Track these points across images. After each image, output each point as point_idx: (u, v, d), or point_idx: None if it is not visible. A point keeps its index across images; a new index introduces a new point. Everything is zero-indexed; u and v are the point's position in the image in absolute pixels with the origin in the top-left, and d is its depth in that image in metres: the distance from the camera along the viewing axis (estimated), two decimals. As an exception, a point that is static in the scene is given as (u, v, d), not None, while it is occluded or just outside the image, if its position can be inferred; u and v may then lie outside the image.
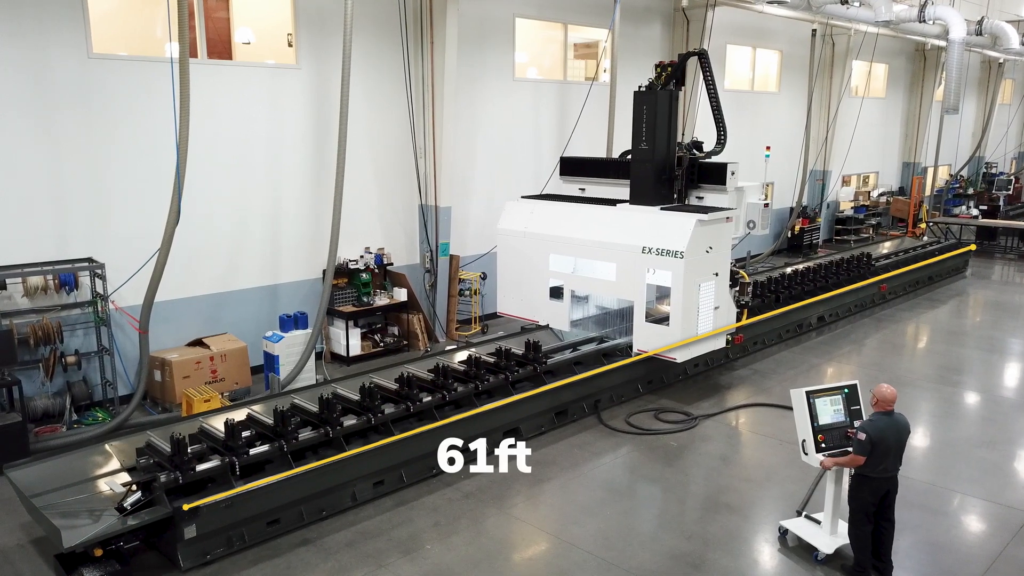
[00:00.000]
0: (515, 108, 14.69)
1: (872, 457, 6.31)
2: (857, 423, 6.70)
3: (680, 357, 10.29)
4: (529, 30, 15.09)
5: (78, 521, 6.41)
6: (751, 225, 11.07)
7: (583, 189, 12.56)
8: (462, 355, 9.85)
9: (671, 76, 11.20)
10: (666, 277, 10.01)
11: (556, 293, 11.35)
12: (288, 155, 11.69)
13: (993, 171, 30.23)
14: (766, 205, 11.18)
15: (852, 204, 24.34)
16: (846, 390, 6.91)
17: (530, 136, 15.06)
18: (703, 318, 10.32)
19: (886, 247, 19.54)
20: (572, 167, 12.92)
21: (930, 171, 26.48)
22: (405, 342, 12.91)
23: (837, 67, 21.82)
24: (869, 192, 25.51)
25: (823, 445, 6.71)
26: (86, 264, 9.64)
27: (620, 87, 15.30)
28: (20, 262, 9.36)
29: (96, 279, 9.70)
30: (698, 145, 11.51)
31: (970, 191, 27.90)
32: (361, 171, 12.46)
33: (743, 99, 19.92)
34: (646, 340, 10.42)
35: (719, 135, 11.52)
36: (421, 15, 12.59)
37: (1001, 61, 29.18)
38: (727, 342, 11.04)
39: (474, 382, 9.08)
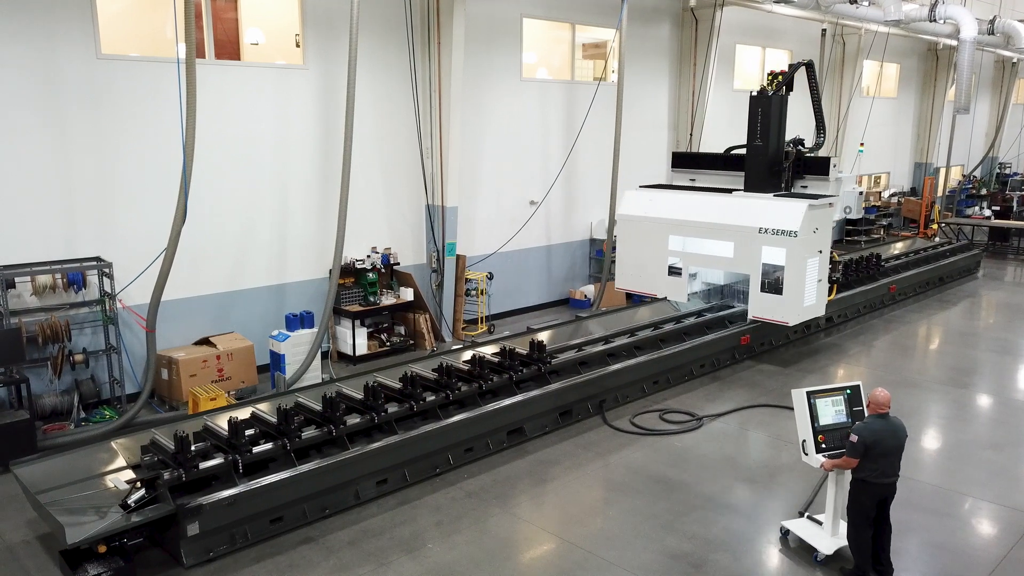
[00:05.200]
0: (522, 108, 14.71)
1: (868, 460, 6.27)
2: (855, 424, 6.66)
3: (791, 320, 11.85)
4: (537, 30, 15.10)
5: (82, 518, 6.47)
6: (847, 210, 12.78)
7: (694, 179, 14.18)
8: (467, 355, 9.86)
9: (782, 83, 12.81)
10: (780, 254, 11.54)
11: (673, 270, 12.83)
12: (295, 155, 11.75)
13: (1007, 171, 29.99)
14: (861, 193, 12.94)
15: (863, 205, 24.17)
16: (848, 391, 6.88)
17: (537, 136, 15.07)
18: (809, 289, 11.79)
19: (897, 248, 19.42)
20: (684, 160, 14.61)
21: (942, 171, 26.29)
22: (411, 342, 12.94)
23: (848, 67, 21.72)
24: (880, 193, 25.36)
25: (823, 446, 6.69)
26: (94, 263, 9.72)
27: (628, 87, 15.28)
28: (29, 261, 9.46)
29: (104, 278, 9.78)
30: (800, 141, 13.14)
31: (983, 192, 27.68)
32: (368, 171, 12.52)
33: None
34: (760, 308, 11.95)
35: (819, 133, 13.53)
36: (428, 15, 12.63)
37: (1015, 61, 28.96)
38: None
39: (478, 382, 9.09)
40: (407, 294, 12.78)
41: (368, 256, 12.53)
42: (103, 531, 6.34)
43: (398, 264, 12.93)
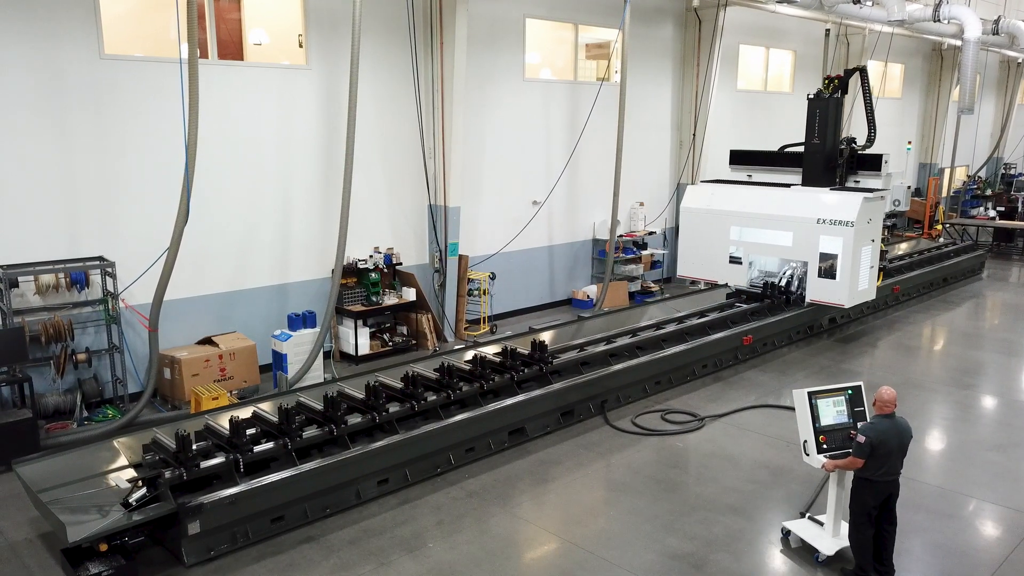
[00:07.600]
0: (525, 108, 14.70)
1: (873, 460, 6.26)
2: (860, 424, 6.65)
3: (847, 303, 12.80)
4: (540, 30, 15.10)
5: (84, 516, 6.48)
6: (896, 203, 14.21)
7: (750, 175, 15.09)
8: (468, 355, 9.85)
9: (837, 87, 13.79)
10: (836, 243, 12.52)
11: (734, 259, 13.91)
12: (298, 155, 11.76)
13: (1011, 172, 29.88)
14: (909, 187, 13.89)
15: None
16: (850, 391, 6.85)
17: (540, 136, 15.07)
18: (862, 275, 12.81)
19: (901, 248, 19.37)
20: (741, 158, 15.51)
21: (947, 172, 26.21)
22: (414, 341, 12.95)
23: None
24: (884, 193, 25.28)
25: (825, 446, 6.67)
26: (97, 263, 9.74)
27: (631, 87, 15.28)
28: (32, 260, 9.48)
29: (107, 277, 9.80)
30: (853, 140, 14.18)
31: (988, 192, 27.60)
32: (370, 171, 12.53)
33: (756, 99, 19.84)
34: (817, 292, 12.92)
35: (870, 133, 14.61)
36: (431, 16, 12.64)
37: (1020, 61, 28.87)
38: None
39: (479, 381, 9.09)
40: (409, 294, 12.79)
41: (370, 256, 12.54)
42: (104, 529, 6.35)
43: (400, 264, 12.93)
